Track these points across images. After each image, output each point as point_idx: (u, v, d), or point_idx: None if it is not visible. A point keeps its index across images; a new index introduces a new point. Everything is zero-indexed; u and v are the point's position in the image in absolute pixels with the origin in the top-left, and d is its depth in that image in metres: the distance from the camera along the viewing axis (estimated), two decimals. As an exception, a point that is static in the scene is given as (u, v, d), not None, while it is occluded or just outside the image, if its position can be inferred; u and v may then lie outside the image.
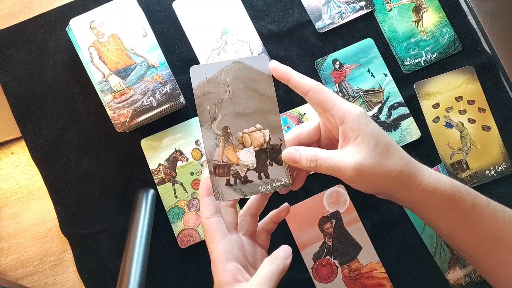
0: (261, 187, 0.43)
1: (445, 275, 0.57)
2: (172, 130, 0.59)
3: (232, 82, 0.42)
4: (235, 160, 0.42)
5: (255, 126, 0.43)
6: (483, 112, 0.60)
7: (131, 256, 0.51)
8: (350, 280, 0.57)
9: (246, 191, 0.42)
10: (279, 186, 0.43)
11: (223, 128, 0.42)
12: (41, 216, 0.59)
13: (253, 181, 0.43)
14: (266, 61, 0.43)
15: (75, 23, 0.56)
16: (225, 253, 0.40)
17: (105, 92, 0.55)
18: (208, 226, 0.41)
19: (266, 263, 0.40)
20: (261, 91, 0.42)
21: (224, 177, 0.42)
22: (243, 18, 0.61)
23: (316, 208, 0.58)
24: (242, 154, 0.42)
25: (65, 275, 0.59)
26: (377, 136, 0.39)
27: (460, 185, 0.42)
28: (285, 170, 0.43)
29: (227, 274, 0.39)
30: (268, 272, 0.39)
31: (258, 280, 0.38)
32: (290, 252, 0.43)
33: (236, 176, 0.42)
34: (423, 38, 0.61)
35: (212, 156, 0.42)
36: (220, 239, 0.41)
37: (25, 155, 0.60)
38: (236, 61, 0.42)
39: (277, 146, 0.43)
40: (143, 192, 0.56)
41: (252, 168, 0.43)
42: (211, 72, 0.42)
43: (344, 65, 0.60)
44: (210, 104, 0.42)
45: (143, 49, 0.55)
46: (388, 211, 0.58)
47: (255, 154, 0.42)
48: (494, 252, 0.42)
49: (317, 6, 0.61)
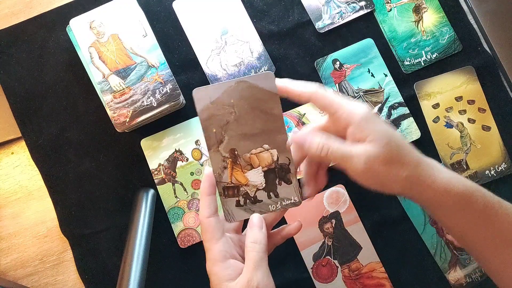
0: (271, 206, 0.43)
1: (446, 275, 0.57)
2: (172, 130, 0.59)
3: (237, 102, 0.41)
4: (244, 181, 0.42)
5: (263, 147, 0.42)
6: (483, 112, 0.60)
7: (131, 256, 0.51)
8: (350, 280, 0.57)
9: (256, 210, 0.42)
10: (289, 205, 0.43)
11: (230, 150, 0.42)
12: (41, 216, 0.59)
13: (262, 200, 0.42)
14: (272, 78, 0.42)
15: (75, 23, 0.56)
16: (223, 251, 0.40)
17: (105, 92, 0.55)
18: (207, 226, 0.41)
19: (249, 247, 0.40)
20: (267, 111, 0.42)
21: (234, 198, 0.42)
22: (243, 18, 0.61)
23: (316, 208, 0.58)
24: (250, 174, 0.42)
25: (65, 275, 0.59)
26: (388, 135, 0.39)
27: (473, 186, 0.41)
28: (294, 189, 0.43)
29: (229, 271, 0.39)
30: (255, 255, 0.39)
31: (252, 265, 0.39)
32: (258, 219, 0.41)
33: (245, 196, 0.42)
34: (423, 38, 0.61)
35: (221, 178, 0.42)
36: (219, 239, 0.41)
37: (25, 155, 0.60)
38: (241, 80, 0.41)
39: (286, 165, 0.42)
40: (143, 192, 0.56)
41: (261, 188, 0.42)
42: (215, 94, 0.41)
43: (344, 65, 0.60)
44: (216, 127, 0.41)
45: (143, 49, 0.55)
46: (388, 211, 0.58)
47: (264, 174, 0.42)
48: (503, 253, 0.41)
49: (317, 6, 0.61)
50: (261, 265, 0.39)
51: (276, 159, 0.42)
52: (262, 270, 0.39)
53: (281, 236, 0.47)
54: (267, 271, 0.39)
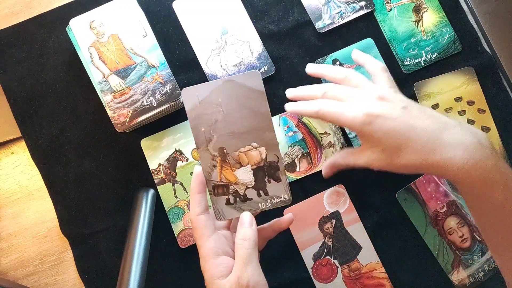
0: (260, 204, 0.43)
1: (449, 276, 0.57)
2: (172, 130, 0.59)
3: (225, 101, 0.42)
4: (233, 180, 0.43)
5: (251, 145, 0.43)
6: (482, 113, 0.60)
7: (131, 256, 0.51)
8: (350, 280, 0.57)
9: (246, 209, 0.43)
10: (278, 203, 0.43)
11: (219, 148, 0.42)
12: (41, 216, 0.59)
13: (252, 199, 0.43)
14: (258, 77, 0.42)
15: (75, 23, 0.56)
16: (215, 248, 0.40)
17: (105, 92, 0.55)
18: (198, 224, 0.41)
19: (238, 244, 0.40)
20: (255, 109, 0.42)
21: (223, 196, 0.43)
22: (243, 18, 0.61)
23: (316, 208, 0.58)
24: (239, 173, 0.43)
25: (65, 275, 0.59)
26: (384, 140, 0.41)
27: (496, 176, 0.39)
28: (284, 187, 0.43)
29: (220, 268, 0.40)
30: (244, 252, 0.39)
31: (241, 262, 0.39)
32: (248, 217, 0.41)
33: (235, 194, 0.43)
34: (423, 38, 0.61)
35: (210, 177, 0.42)
36: (210, 235, 0.41)
37: (25, 155, 0.60)
38: (227, 79, 0.42)
39: (275, 163, 0.43)
40: (143, 192, 0.56)
41: (251, 186, 0.43)
42: (203, 93, 0.42)
43: (344, 65, 0.60)
44: (205, 125, 0.42)
45: (143, 49, 0.55)
46: (388, 211, 0.58)
47: (253, 172, 0.43)
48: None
49: (317, 6, 0.61)
50: (250, 262, 0.39)
51: (265, 157, 0.43)
52: (252, 266, 0.39)
53: (273, 230, 0.47)
54: (258, 268, 0.40)
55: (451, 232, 0.57)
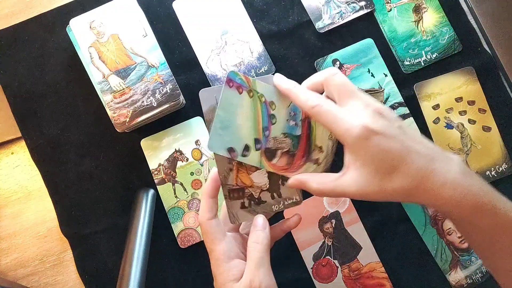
0: (274, 206, 0.43)
1: (446, 276, 0.57)
2: (172, 130, 0.59)
3: None
4: (249, 183, 0.42)
5: None
6: (483, 112, 0.60)
7: (131, 256, 0.51)
8: (350, 280, 0.57)
9: (260, 211, 0.42)
10: (290, 204, 0.43)
11: None
12: (41, 216, 0.59)
13: (266, 201, 0.43)
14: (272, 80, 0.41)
15: (75, 23, 0.56)
16: (228, 252, 0.40)
17: (105, 92, 0.55)
18: (208, 228, 0.41)
19: (251, 247, 0.40)
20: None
21: (239, 200, 0.42)
22: (243, 18, 0.61)
23: (316, 208, 0.58)
24: (255, 176, 0.42)
25: (65, 275, 0.59)
26: (378, 159, 0.36)
27: (484, 200, 0.37)
28: (296, 188, 0.43)
29: (233, 271, 0.39)
30: (256, 255, 0.39)
31: (254, 265, 0.39)
32: (261, 220, 0.41)
33: (250, 198, 0.42)
34: (423, 38, 0.61)
35: (226, 180, 0.42)
36: (222, 239, 0.41)
37: (25, 155, 0.60)
38: None
39: None
40: (143, 192, 0.56)
41: (265, 189, 0.43)
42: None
43: (344, 65, 0.60)
44: None
45: (143, 49, 0.55)
46: (388, 211, 0.58)
47: (267, 174, 0.42)
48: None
49: (317, 6, 0.61)
50: (262, 265, 0.39)
51: None
52: (264, 269, 0.39)
53: (281, 230, 0.47)
54: (269, 271, 0.40)
55: (450, 232, 0.57)
